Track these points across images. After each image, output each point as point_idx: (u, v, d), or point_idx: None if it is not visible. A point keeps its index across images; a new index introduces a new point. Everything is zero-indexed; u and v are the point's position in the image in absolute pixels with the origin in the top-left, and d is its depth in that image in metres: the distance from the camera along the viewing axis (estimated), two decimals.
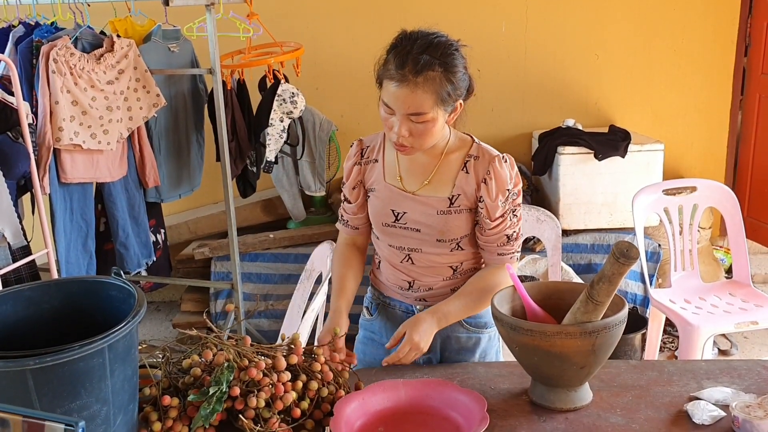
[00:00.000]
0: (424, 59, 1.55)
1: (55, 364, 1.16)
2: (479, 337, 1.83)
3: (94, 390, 1.22)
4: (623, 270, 1.38)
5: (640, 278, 3.61)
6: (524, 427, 1.43)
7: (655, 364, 1.70)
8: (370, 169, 1.80)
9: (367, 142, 1.82)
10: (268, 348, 1.53)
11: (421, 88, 1.55)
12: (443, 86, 1.57)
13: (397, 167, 1.75)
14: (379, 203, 1.77)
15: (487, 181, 1.68)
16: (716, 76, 4.30)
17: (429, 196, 1.71)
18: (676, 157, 4.30)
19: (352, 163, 1.82)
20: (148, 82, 3.14)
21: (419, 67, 1.54)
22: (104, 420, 1.25)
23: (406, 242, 1.76)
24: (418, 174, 1.73)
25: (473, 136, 1.78)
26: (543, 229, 2.82)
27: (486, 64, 4.24)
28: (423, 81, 1.55)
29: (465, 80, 1.64)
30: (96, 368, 1.21)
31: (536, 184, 4.03)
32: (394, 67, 1.57)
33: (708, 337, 2.80)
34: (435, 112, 1.58)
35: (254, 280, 3.76)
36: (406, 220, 1.73)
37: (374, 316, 1.90)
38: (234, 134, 3.41)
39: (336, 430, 1.35)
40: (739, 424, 1.38)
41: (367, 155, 1.80)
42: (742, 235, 3.06)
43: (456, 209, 1.70)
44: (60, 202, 2.96)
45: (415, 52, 1.56)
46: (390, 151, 1.77)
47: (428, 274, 1.78)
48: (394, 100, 1.58)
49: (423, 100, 1.56)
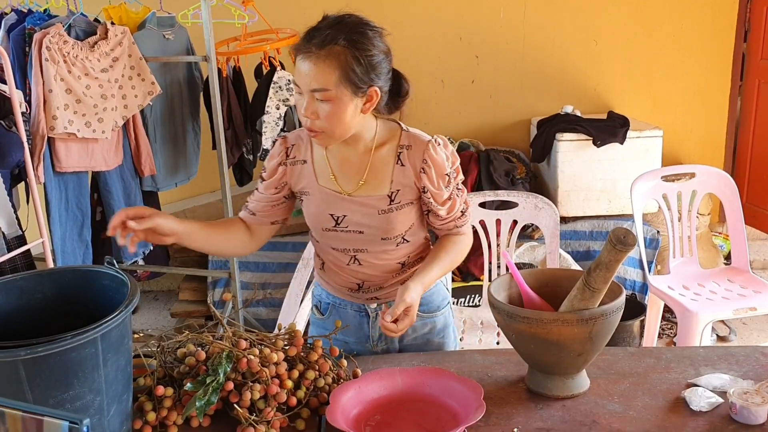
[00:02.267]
0: (329, 33, 1.49)
1: (47, 354, 1.15)
2: (434, 321, 1.82)
3: (87, 380, 1.21)
4: (620, 257, 1.37)
5: (638, 265, 3.61)
6: (521, 414, 1.42)
7: (652, 351, 1.69)
8: (299, 172, 1.70)
9: (292, 140, 1.71)
10: (267, 337, 1.52)
11: (324, 62, 1.48)
12: (349, 64, 1.49)
13: (329, 167, 1.67)
14: (315, 208, 1.69)
15: (425, 170, 1.62)
16: (715, 62, 4.28)
17: (368, 196, 1.65)
18: (675, 144, 4.28)
19: (276, 162, 1.70)
20: (142, 70, 3.12)
21: (323, 40, 1.49)
22: (98, 410, 1.24)
23: (351, 244, 1.70)
24: (351, 173, 1.66)
25: (400, 122, 1.70)
26: (541, 217, 2.80)
27: (484, 50, 4.22)
28: (326, 55, 1.48)
29: (382, 67, 1.56)
30: (89, 358, 1.20)
31: (535, 171, 4.02)
32: (302, 41, 1.52)
33: (706, 324, 2.79)
34: (339, 90, 1.50)
35: (252, 269, 3.75)
36: (347, 223, 1.67)
37: (326, 316, 1.84)
38: (230, 122, 3.40)
39: (332, 418, 1.34)
40: (737, 411, 1.37)
41: (293, 155, 1.70)
42: (741, 222, 3.05)
43: (397, 206, 1.65)
44: (55, 191, 2.94)
45: (323, 27, 1.51)
46: (319, 151, 1.68)
47: (377, 273, 1.73)
48: (298, 75, 1.52)
49: (325, 75, 1.49)
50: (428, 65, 4.20)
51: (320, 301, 1.86)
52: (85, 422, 0.91)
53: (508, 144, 4.24)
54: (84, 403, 1.22)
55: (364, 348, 1.81)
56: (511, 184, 3.66)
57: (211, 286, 3.78)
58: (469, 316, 2.87)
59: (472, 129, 4.29)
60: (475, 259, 3.41)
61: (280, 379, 1.41)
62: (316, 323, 1.88)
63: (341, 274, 1.76)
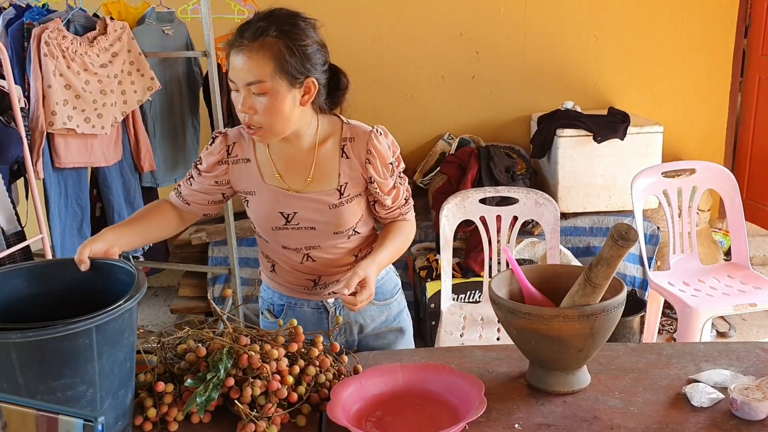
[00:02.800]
0: (261, 25, 1.49)
1: (39, 340, 1.15)
2: (389, 308, 1.85)
3: (80, 371, 1.20)
4: (622, 252, 1.37)
5: (638, 261, 3.61)
6: (522, 410, 1.42)
7: (653, 346, 1.69)
8: (241, 171, 1.67)
9: (233, 137, 1.68)
10: (267, 333, 1.51)
11: (257, 54, 1.48)
12: (282, 54, 1.49)
13: (273, 166, 1.65)
14: (263, 208, 1.68)
15: (370, 160, 1.64)
16: (716, 57, 4.28)
17: (317, 192, 1.65)
18: (676, 140, 4.28)
19: (215, 159, 1.68)
20: (142, 65, 3.11)
21: (255, 33, 1.48)
22: (90, 402, 1.24)
23: (302, 241, 1.69)
24: (297, 171, 1.65)
25: (339, 115, 1.69)
26: (541, 212, 2.80)
27: (484, 46, 4.21)
28: (259, 46, 1.48)
29: (317, 57, 1.55)
30: (82, 349, 1.19)
31: (535, 167, 4.02)
32: (234, 36, 1.51)
33: (706, 320, 2.79)
34: (275, 82, 1.49)
35: (252, 265, 3.75)
36: (298, 220, 1.66)
37: (280, 318, 1.82)
38: (230, 117, 3.39)
39: (333, 414, 1.34)
40: (738, 407, 1.37)
41: (235, 153, 1.67)
42: (741, 218, 3.05)
43: (347, 199, 1.66)
44: (54, 187, 2.94)
45: (254, 21, 1.51)
46: (262, 150, 1.66)
47: (332, 267, 1.74)
48: (232, 70, 1.51)
49: (260, 66, 1.48)
50: (428, 61, 4.19)
51: (272, 304, 1.84)
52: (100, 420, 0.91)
53: (509, 140, 4.23)
54: (75, 393, 1.21)
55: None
56: (511, 180, 3.66)
57: (211, 282, 3.78)
58: (469, 312, 2.87)
59: (472, 125, 4.28)
60: (476, 255, 3.40)
61: (281, 375, 1.41)
62: (270, 328, 1.81)
63: (295, 273, 1.75)
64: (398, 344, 1.90)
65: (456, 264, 3.42)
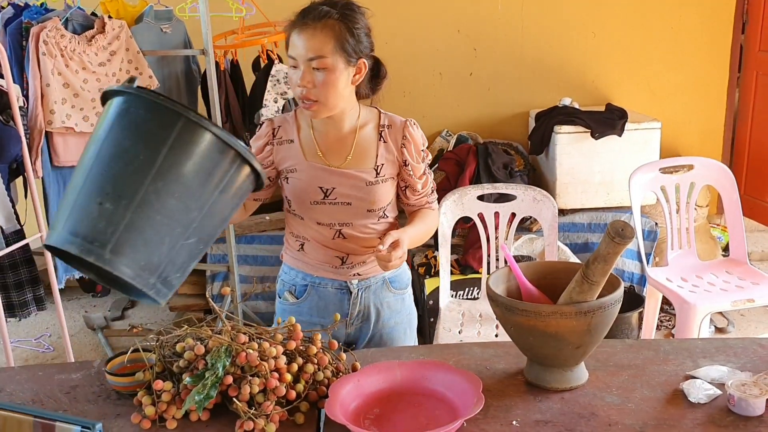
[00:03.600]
0: (324, 9, 1.65)
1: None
2: (403, 297, 1.96)
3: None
4: (618, 249, 1.37)
5: (637, 257, 3.61)
6: (520, 407, 1.42)
7: (651, 343, 1.69)
8: (285, 150, 1.79)
9: (278, 122, 1.81)
10: (266, 331, 1.52)
11: (321, 32, 1.63)
12: (343, 34, 1.64)
13: (316, 145, 1.78)
14: (303, 183, 1.78)
15: (405, 145, 1.79)
16: (713, 53, 4.28)
17: (356, 169, 1.77)
18: (674, 136, 4.28)
19: (263, 142, 1.80)
20: (140, 64, 3.11)
21: (319, 14, 1.64)
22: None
23: (337, 217, 1.79)
24: (338, 150, 1.78)
25: (377, 107, 1.84)
26: (540, 209, 2.80)
27: (482, 43, 4.21)
28: (322, 26, 1.63)
29: (368, 42, 1.72)
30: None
31: (533, 164, 4.02)
32: (297, 18, 1.66)
33: (704, 315, 2.80)
34: (334, 59, 1.64)
35: (251, 263, 3.75)
36: (335, 195, 1.77)
37: (302, 299, 1.89)
38: (228, 115, 3.39)
39: (331, 412, 1.34)
40: (735, 403, 1.37)
41: (280, 135, 1.80)
42: (739, 213, 3.05)
43: (382, 178, 1.79)
44: (53, 185, 2.94)
45: (317, 5, 1.66)
46: (306, 131, 1.79)
47: (361, 246, 1.82)
48: (295, 47, 1.65)
49: (323, 44, 1.63)
50: (426, 58, 4.19)
51: (294, 285, 1.90)
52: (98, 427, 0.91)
53: (507, 136, 4.23)
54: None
55: (337, 330, 1.85)
56: (509, 176, 3.66)
57: (210, 280, 3.78)
58: (468, 308, 2.87)
59: (470, 121, 4.28)
60: (474, 252, 3.41)
61: (279, 373, 1.41)
62: (287, 311, 1.91)
63: (324, 249, 1.82)
64: (406, 338, 1.98)
65: (454, 261, 3.42)
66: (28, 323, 3.85)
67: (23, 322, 3.70)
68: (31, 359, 3.59)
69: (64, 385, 1.56)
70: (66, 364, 1.69)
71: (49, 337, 3.80)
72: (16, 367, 1.72)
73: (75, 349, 3.54)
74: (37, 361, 3.57)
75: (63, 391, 1.53)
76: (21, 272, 2.94)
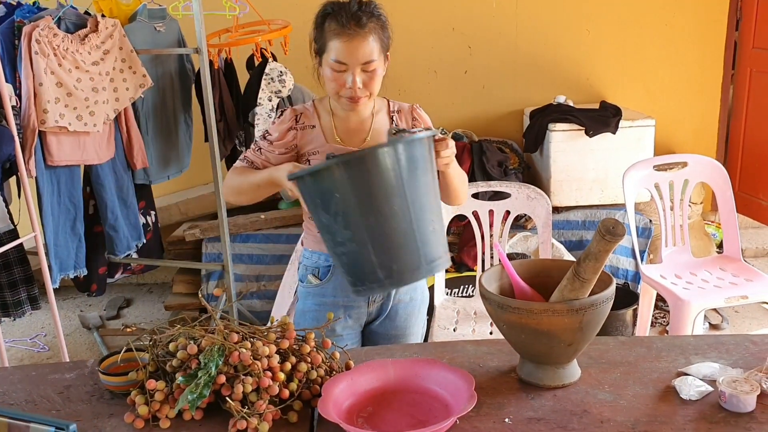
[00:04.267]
0: (363, 14, 1.74)
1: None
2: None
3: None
4: (609, 247, 1.37)
5: (631, 254, 3.62)
6: (512, 404, 1.43)
7: (643, 340, 1.70)
8: (308, 135, 1.88)
9: (300, 109, 1.91)
10: (259, 330, 1.52)
11: (370, 38, 1.75)
12: (381, 35, 1.78)
13: (334, 131, 1.89)
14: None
15: (416, 125, 1.94)
16: (708, 51, 4.28)
17: None
18: (668, 133, 4.29)
19: (286, 126, 1.88)
20: (134, 63, 3.11)
21: (362, 21, 1.74)
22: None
23: None
24: (355, 134, 1.89)
25: (386, 97, 1.97)
26: (534, 207, 2.81)
27: (477, 41, 4.21)
28: (369, 31, 1.75)
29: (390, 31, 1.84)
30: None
31: (528, 162, 4.02)
32: (339, 26, 1.74)
33: (698, 312, 2.81)
34: (380, 58, 1.78)
35: (246, 261, 3.75)
36: None
37: (325, 280, 1.93)
38: (222, 114, 3.39)
39: (324, 411, 1.34)
40: (726, 399, 1.38)
41: (302, 121, 1.89)
42: (733, 210, 3.06)
43: None
44: (47, 185, 2.93)
45: (353, 11, 1.74)
46: (326, 118, 1.90)
47: None
48: (348, 54, 1.74)
49: (372, 48, 1.76)
50: (421, 55, 4.19)
51: (317, 267, 1.95)
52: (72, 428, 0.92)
53: (501, 134, 4.24)
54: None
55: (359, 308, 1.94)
56: (503, 174, 3.67)
57: (205, 279, 3.78)
58: (462, 306, 2.88)
59: (464, 119, 4.28)
60: (469, 250, 3.41)
61: (272, 372, 1.41)
62: (311, 293, 1.96)
63: None
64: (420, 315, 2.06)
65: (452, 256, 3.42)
66: (23, 323, 3.84)
67: (18, 322, 3.70)
68: (26, 359, 3.59)
69: (58, 385, 1.56)
70: (59, 363, 1.69)
71: (44, 337, 3.79)
72: (10, 368, 1.72)
73: (70, 349, 3.54)
74: (32, 361, 3.57)
75: (56, 391, 1.53)
76: (15, 272, 2.93)
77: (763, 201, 4.19)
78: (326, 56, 1.78)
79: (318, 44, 1.81)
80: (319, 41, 1.80)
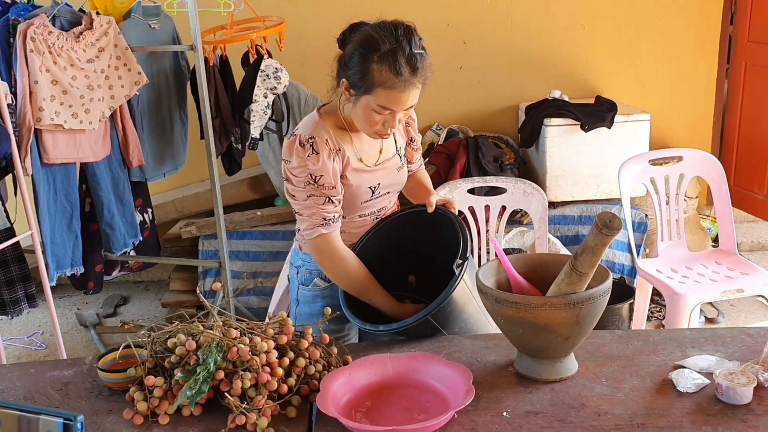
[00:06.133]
0: (415, 57, 1.66)
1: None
2: None
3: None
4: (606, 241, 1.38)
5: (627, 248, 3.63)
6: (510, 398, 1.43)
7: (640, 333, 1.71)
8: (339, 161, 1.78)
9: (323, 134, 1.76)
10: (257, 326, 1.52)
11: (419, 84, 1.70)
12: (429, 72, 1.72)
13: (355, 151, 1.84)
14: (353, 188, 1.84)
15: (410, 123, 2.00)
16: (702, 45, 4.29)
17: (387, 160, 1.91)
18: (663, 127, 4.30)
19: (327, 155, 1.74)
20: (129, 60, 3.10)
21: (416, 66, 1.67)
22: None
23: (377, 207, 1.93)
24: (371, 150, 1.88)
25: None
26: (530, 202, 2.82)
27: (472, 36, 4.21)
28: (419, 77, 1.69)
29: None
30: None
31: (523, 157, 4.02)
32: (393, 74, 1.64)
33: (694, 306, 2.82)
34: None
35: (243, 258, 3.75)
36: (380, 190, 1.91)
37: (332, 282, 1.87)
38: (218, 111, 3.38)
39: (323, 405, 1.35)
40: (723, 392, 1.39)
41: (331, 146, 1.76)
42: (729, 204, 3.07)
43: (404, 160, 1.99)
44: (43, 183, 2.93)
45: (407, 54, 1.65)
46: (344, 138, 1.82)
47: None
48: (398, 103, 1.68)
49: (418, 93, 1.72)
50: None
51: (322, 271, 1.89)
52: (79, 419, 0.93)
53: (497, 130, 4.24)
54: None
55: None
56: (499, 169, 3.67)
57: (202, 276, 3.78)
58: None
59: (460, 115, 4.29)
60: None
61: (271, 367, 1.42)
62: (321, 296, 1.93)
63: (357, 230, 1.92)
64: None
65: None
66: (20, 321, 3.84)
67: (15, 320, 3.69)
68: (24, 357, 3.59)
69: (56, 382, 1.56)
70: (58, 361, 1.69)
71: (41, 335, 3.79)
72: (8, 365, 1.72)
73: (67, 347, 3.54)
74: (30, 358, 3.57)
75: (55, 388, 1.53)
76: (12, 270, 2.93)
77: (759, 195, 4.20)
78: (369, 98, 1.67)
79: (359, 82, 1.68)
80: (362, 82, 1.67)
